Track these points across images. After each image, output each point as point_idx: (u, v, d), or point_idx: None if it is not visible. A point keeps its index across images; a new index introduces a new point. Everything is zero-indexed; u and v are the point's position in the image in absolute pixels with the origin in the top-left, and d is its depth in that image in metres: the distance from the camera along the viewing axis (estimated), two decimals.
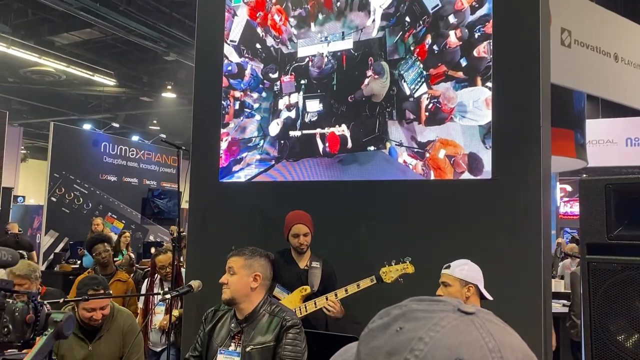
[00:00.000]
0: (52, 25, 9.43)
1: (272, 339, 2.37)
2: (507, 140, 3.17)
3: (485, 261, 2.69)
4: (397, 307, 0.55)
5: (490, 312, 0.53)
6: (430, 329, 0.50)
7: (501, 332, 0.51)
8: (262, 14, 4.12)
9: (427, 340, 0.49)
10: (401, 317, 0.53)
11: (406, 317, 0.52)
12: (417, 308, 0.53)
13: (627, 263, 1.67)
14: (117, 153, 11.54)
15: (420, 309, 0.53)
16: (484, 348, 0.48)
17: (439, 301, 0.54)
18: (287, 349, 2.35)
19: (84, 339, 2.87)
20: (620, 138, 8.56)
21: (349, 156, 3.69)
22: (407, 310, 0.53)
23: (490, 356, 0.48)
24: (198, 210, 4.29)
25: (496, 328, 0.51)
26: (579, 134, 5.85)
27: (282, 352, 2.34)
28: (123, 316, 3.04)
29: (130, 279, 4.91)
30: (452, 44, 3.39)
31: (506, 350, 0.49)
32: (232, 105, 4.21)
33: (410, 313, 0.53)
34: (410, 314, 0.53)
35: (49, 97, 13.33)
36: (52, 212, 9.99)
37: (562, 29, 4.41)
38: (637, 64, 5.23)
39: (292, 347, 2.36)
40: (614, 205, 1.71)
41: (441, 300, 0.55)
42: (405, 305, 0.55)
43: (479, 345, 0.48)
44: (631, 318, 1.65)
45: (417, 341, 0.49)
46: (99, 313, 2.84)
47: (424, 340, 0.49)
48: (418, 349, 0.48)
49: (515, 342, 0.51)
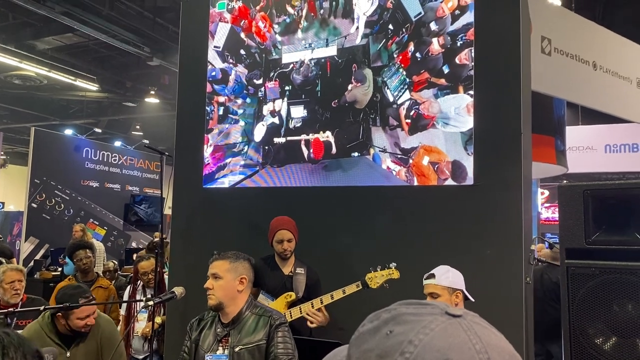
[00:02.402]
0: (34, 30, 9.32)
1: (262, 337, 2.38)
2: (489, 147, 3.21)
3: (468, 266, 2.72)
4: (387, 311, 0.56)
5: (476, 314, 0.55)
6: (419, 332, 0.51)
7: (487, 333, 0.52)
8: (247, 20, 4.13)
9: (416, 343, 0.50)
10: (391, 321, 0.54)
11: (396, 320, 0.54)
12: (406, 312, 0.55)
13: (605, 267, 1.70)
14: (99, 159, 11.42)
15: (408, 312, 0.54)
16: (472, 350, 0.50)
17: (427, 305, 0.56)
18: (280, 347, 2.37)
19: (62, 345, 2.84)
20: (599, 145, 8.70)
21: (333, 162, 3.71)
22: (396, 314, 0.55)
23: (477, 357, 0.49)
24: (181, 216, 4.27)
25: (483, 330, 0.52)
26: (559, 140, 5.93)
27: (276, 351, 2.36)
28: (102, 322, 3.02)
29: (112, 286, 4.86)
30: (434, 51, 3.43)
31: (493, 352, 0.50)
32: (216, 110, 4.20)
33: (399, 317, 0.54)
34: (399, 317, 0.54)
35: (30, 101, 13.15)
36: (32, 219, 9.84)
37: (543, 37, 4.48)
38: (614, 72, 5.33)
39: (284, 345, 2.38)
40: (592, 211, 1.74)
41: (429, 304, 0.56)
42: (394, 309, 0.56)
43: (466, 347, 0.50)
44: (609, 321, 1.68)
45: (407, 344, 0.50)
46: (92, 319, 2.85)
47: (414, 343, 0.50)
48: (408, 351, 0.50)
49: (501, 344, 0.53)
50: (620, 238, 1.71)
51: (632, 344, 1.63)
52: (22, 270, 3.78)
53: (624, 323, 1.65)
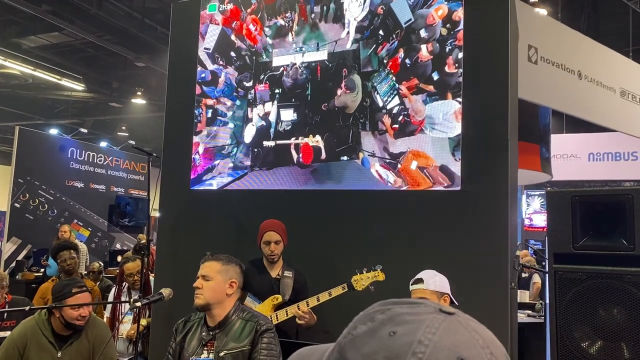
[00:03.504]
0: (19, 28, 9.21)
1: (247, 343, 2.37)
2: (476, 153, 3.25)
3: (453, 270, 2.74)
4: (379, 312, 0.55)
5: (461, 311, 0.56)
6: (425, 331, 0.51)
7: (482, 329, 0.54)
8: (238, 23, 4.13)
9: (426, 342, 0.50)
10: (389, 322, 0.53)
11: (394, 321, 0.53)
12: (402, 311, 0.54)
13: (591, 272, 1.73)
14: (84, 159, 11.29)
15: (404, 312, 0.54)
16: (477, 346, 0.51)
17: (420, 303, 0.56)
18: (263, 353, 2.35)
19: (54, 344, 2.81)
20: (583, 153, 8.82)
21: (322, 166, 3.72)
22: (392, 315, 0.54)
23: (483, 352, 0.50)
24: (168, 217, 4.25)
25: (478, 326, 0.53)
26: (544, 148, 6.00)
27: (259, 357, 2.34)
28: (96, 325, 2.99)
29: (97, 287, 4.82)
30: (423, 58, 3.46)
31: (493, 347, 0.51)
32: (204, 113, 4.19)
33: (397, 317, 0.54)
34: (397, 317, 0.54)
35: (14, 100, 12.97)
36: (15, 219, 9.69)
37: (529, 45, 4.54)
38: (599, 81, 5.42)
39: (267, 352, 2.36)
40: (580, 216, 1.77)
41: (421, 302, 0.57)
42: (388, 309, 0.55)
43: (472, 343, 0.51)
44: (595, 325, 1.70)
45: (417, 344, 0.50)
46: (86, 310, 2.81)
47: (424, 343, 0.50)
48: (420, 351, 0.50)
49: (495, 339, 0.54)
50: (607, 243, 1.74)
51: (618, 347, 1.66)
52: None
53: (610, 327, 1.68)
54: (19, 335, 2.79)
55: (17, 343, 2.76)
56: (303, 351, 0.64)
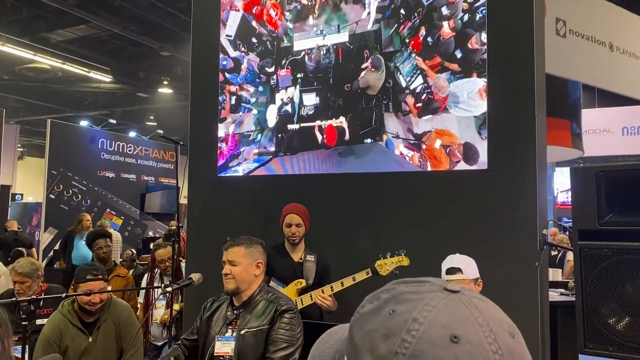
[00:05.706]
0: (47, 22, 9.39)
1: (266, 322, 2.42)
2: (503, 131, 3.19)
3: (481, 251, 2.72)
4: (385, 291, 0.57)
5: (471, 289, 0.56)
6: (422, 309, 0.52)
7: (487, 307, 0.54)
8: (258, 8, 4.13)
9: (421, 320, 0.51)
10: (392, 300, 0.55)
11: (396, 299, 0.55)
12: (405, 290, 0.56)
13: (617, 248, 1.70)
14: (114, 149, 11.54)
15: (408, 290, 0.55)
16: (475, 323, 0.51)
17: (425, 282, 0.57)
18: (281, 332, 2.38)
19: (84, 330, 2.92)
20: (616, 127, 8.59)
21: (346, 149, 3.71)
22: (396, 293, 0.56)
23: (480, 330, 0.50)
24: (197, 204, 4.32)
25: (482, 304, 0.54)
26: (574, 123, 5.87)
27: (275, 335, 2.37)
28: (119, 307, 3.09)
29: (130, 274, 4.94)
30: (445, 35, 3.41)
31: (493, 324, 0.52)
32: (228, 100, 4.22)
33: (399, 295, 0.55)
34: (399, 296, 0.55)
35: (45, 94, 13.28)
36: (50, 209, 10.00)
37: (557, 19, 4.42)
38: (632, 52, 5.25)
39: (285, 331, 2.39)
40: (605, 192, 1.74)
41: (427, 281, 0.57)
42: (393, 289, 0.57)
43: (469, 320, 0.51)
44: (622, 301, 1.68)
45: (412, 322, 0.51)
46: (97, 297, 2.89)
47: (419, 321, 0.51)
48: (414, 329, 0.51)
49: (500, 316, 0.54)
50: (632, 219, 1.71)
51: None
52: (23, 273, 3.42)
53: (637, 303, 1.66)
54: (49, 331, 2.90)
55: (50, 338, 2.87)
56: (333, 330, 0.68)
